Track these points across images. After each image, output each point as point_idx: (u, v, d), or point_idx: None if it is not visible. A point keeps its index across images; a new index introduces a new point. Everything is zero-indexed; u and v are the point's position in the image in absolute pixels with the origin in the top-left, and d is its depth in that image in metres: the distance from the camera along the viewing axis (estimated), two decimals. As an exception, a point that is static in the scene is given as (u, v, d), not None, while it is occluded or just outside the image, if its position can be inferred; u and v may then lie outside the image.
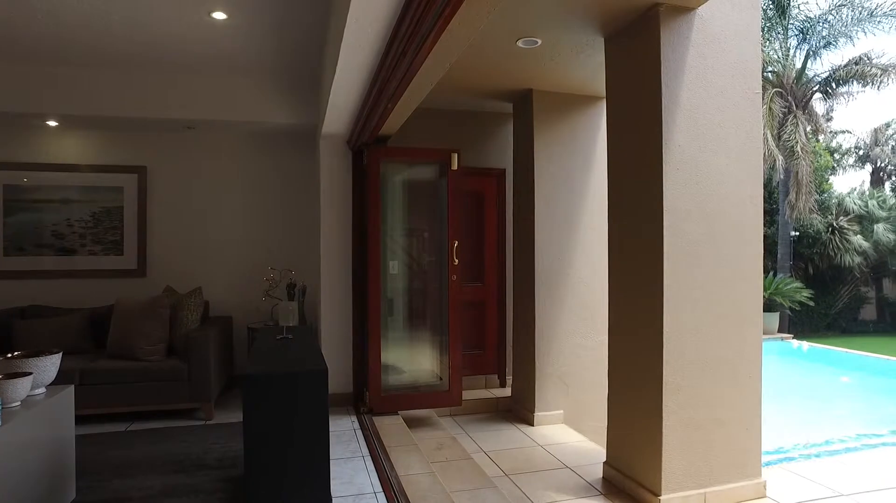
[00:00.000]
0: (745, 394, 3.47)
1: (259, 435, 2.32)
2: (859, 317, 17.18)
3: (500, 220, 6.01)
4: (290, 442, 2.34)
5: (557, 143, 5.07)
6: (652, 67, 3.33)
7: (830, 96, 15.98)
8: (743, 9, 3.49)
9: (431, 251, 5.19)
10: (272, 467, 2.33)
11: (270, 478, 2.32)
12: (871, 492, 3.54)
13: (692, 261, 3.31)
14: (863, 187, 19.60)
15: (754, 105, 3.52)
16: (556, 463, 4.19)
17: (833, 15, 14.48)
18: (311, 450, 2.38)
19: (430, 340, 5.19)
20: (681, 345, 3.28)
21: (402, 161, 5.02)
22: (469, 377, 5.82)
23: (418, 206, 5.38)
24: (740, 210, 3.43)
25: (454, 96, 5.42)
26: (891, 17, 13.95)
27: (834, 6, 14.41)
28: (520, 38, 3.97)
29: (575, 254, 5.08)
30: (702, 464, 3.34)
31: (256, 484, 2.32)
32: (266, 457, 2.32)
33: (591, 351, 5.00)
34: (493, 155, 6.03)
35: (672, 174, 3.26)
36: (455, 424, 5.14)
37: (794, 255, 15.83)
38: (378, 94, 3.45)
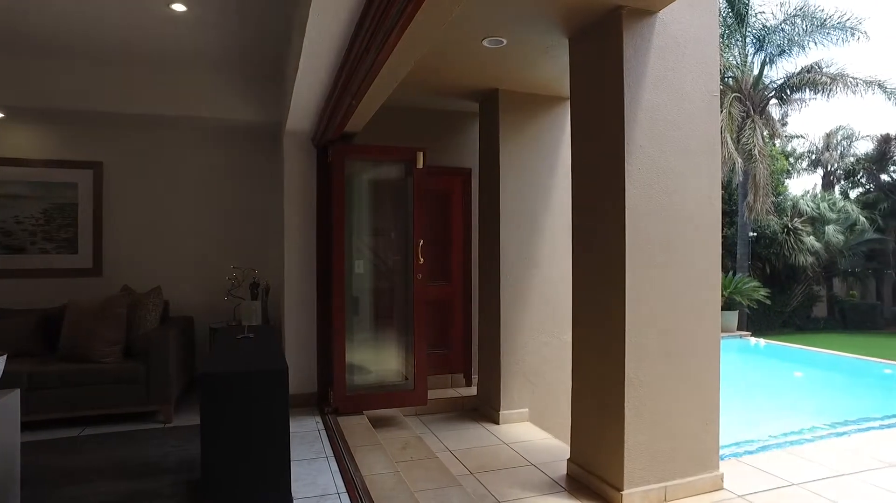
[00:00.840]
0: (703, 389, 3.55)
1: (217, 436, 2.26)
2: (812, 314, 17.85)
3: (466, 219, 6.02)
4: (249, 443, 2.29)
5: (523, 142, 5.11)
6: (614, 68, 3.38)
7: (785, 102, 16.56)
8: (702, 13, 3.58)
9: (397, 250, 5.16)
10: (230, 469, 2.27)
11: (229, 480, 2.27)
12: (819, 481, 3.67)
13: (653, 259, 3.37)
14: (815, 190, 20.36)
15: (713, 107, 3.62)
16: (522, 460, 4.21)
17: (787, 25, 15.01)
18: (272, 451, 2.33)
19: (395, 339, 5.16)
20: (642, 343, 3.34)
21: (367, 159, 4.97)
22: (435, 376, 5.81)
23: (385, 205, 5.34)
24: (699, 210, 3.51)
25: (421, 95, 5.41)
26: (839, 30, 14.57)
27: (788, 17, 14.96)
28: (485, 38, 3.99)
29: (540, 254, 5.12)
30: (662, 458, 3.40)
31: (214, 486, 2.26)
32: (224, 458, 2.27)
33: (556, 349, 5.05)
34: (459, 154, 6.03)
35: (634, 174, 3.32)
36: (421, 424, 5.12)
37: (753, 255, 16.34)
38: (342, 90, 3.41)
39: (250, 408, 2.31)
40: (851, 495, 3.49)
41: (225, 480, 2.30)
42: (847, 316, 17.83)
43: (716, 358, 3.60)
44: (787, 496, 3.47)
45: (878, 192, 19.16)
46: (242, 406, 2.31)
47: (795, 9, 14.82)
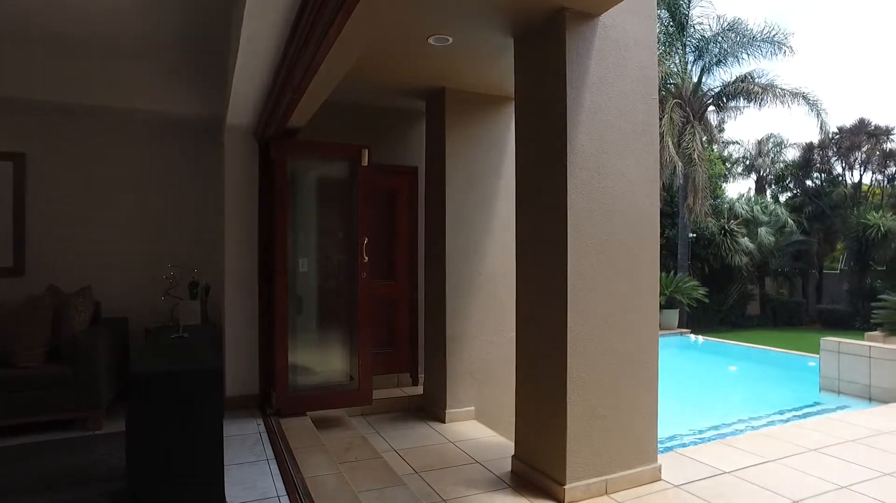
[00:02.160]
0: (643, 384, 3.65)
1: (144, 440, 2.15)
2: (746, 312, 18.73)
3: (412, 218, 5.99)
4: (180, 446, 2.18)
5: (469, 142, 5.13)
6: (557, 69, 3.43)
7: (722, 109, 17.33)
8: (641, 19, 3.68)
9: (343, 249, 5.07)
10: (158, 474, 2.16)
11: (156, 486, 2.16)
12: (748, 468, 3.85)
13: (594, 258, 3.44)
14: (749, 194, 21.39)
15: (652, 110, 3.72)
16: (467, 458, 4.22)
17: (722, 37, 15.72)
18: (204, 455, 2.24)
19: (340, 339, 5.08)
20: (584, 339, 3.40)
21: (311, 156, 4.88)
22: (381, 375, 5.76)
23: (329, 203, 5.25)
24: (639, 210, 3.61)
25: (367, 92, 5.35)
26: (768, 43, 15.39)
27: (722, 29, 15.68)
28: (431, 36, 3.98)
29: (486, 252, 5.15)
30: (603, 452, 3.48)
31: (141, 494, 2.15)
32: (151, 463, 2.16)
33: (501, 347, 5.09)
34: (406, 152, 6.00)
35: (576, 174, 3.37)
36: (366, 424, 5.06)
37: (692, 255, 17.01)
38: (284, 83, 3.33)
39: (180, 410, 2.20)
40: (773, 478, 3.68)
41: (152, 486, 2.19)
42: (777, 313, 18.80)
43: (654, 355, 3.71)
44: (719, 483, 3.61)
45: (804, 197, 20.32)
46: (172, 407, 2.20)
47: (728, 23, 15.56)
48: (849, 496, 3.46)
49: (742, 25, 15.45)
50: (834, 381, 8.76)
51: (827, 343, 8.95)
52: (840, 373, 8.70)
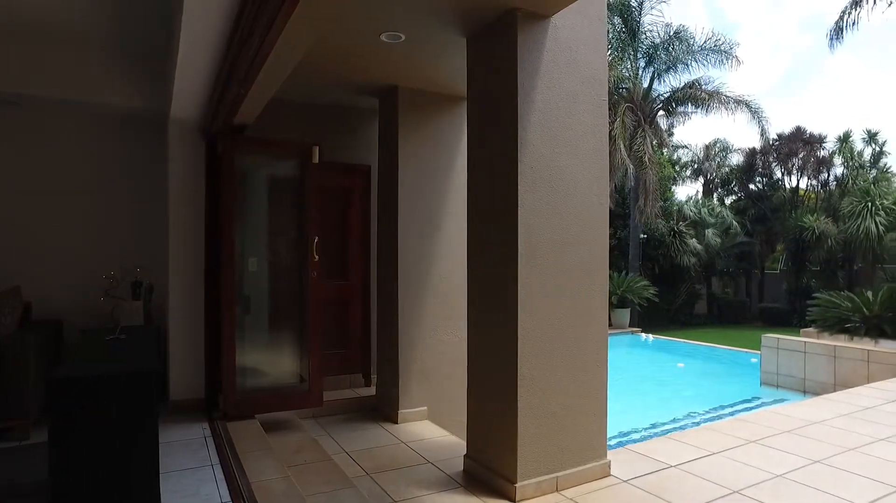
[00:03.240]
0: (592, 382, 3.70)
1: (68, 451, 2.02)
2: (694, 311, 19.40)
3: (365, 217, 5.91)
4: (108, 456, 2.06)
5: (422, 141, 5.10)
6: (509, 69, 3.44)
7: (671, 114, 17.88)
8: (591, 21, 3.73)
9: (293, 248, 4.96)
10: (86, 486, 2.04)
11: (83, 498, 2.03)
12: (693, 461, 3.96)
13: (545, 258, 3.47)
14: (697, 196, 22.16)
15: (601, 111, 3.78)
16: (419, 459, 4.19)
17: (670, 45, 16.24)
18: (137, 463, 2.12)
19: (291, 340, 4.97)
20: (534, 338, 3.42)
21: (260, 153, 4.75)
22: (334, 376, 5.66)
23: (280, 201, 5.12)
24: (588, 210, 3.66)
25: (320, 89, 5.25)
26: (715, 52, 16.00)
27: (669, 38, 16.20)
28: (383, 32, 3.93)
29: (438, 252, 5.13)
30: (554, 450, 3.50)
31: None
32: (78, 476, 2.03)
33: (454, 347, 5.08)
34: (359, 151, 5.92)
35: (526, 173, 3.39)
36: (318, 426, 4.96)
37: (643, 256, 17.48)
38: (229, 76, 3.23)
39: (110, 416, 2.08)
40: (716, 470, 3.79)
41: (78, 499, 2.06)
42: (723, 311, 19.55)
43: (604, 353, 3.76)
44: (665, 477, 3.69)
45: (747, 200, 21.20)
46: (98, 414, 2.07)
47: (675, 32, 16.10)
48: (783, 483, 3.60)
49: (687, 34, 16.01)
50: (773, 376, 9.15)
51: (767, 340, 9.35)
52: (778, 368, 9.09)
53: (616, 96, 15.96)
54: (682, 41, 16.04)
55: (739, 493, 3.44)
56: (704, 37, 16.08)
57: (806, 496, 3.44)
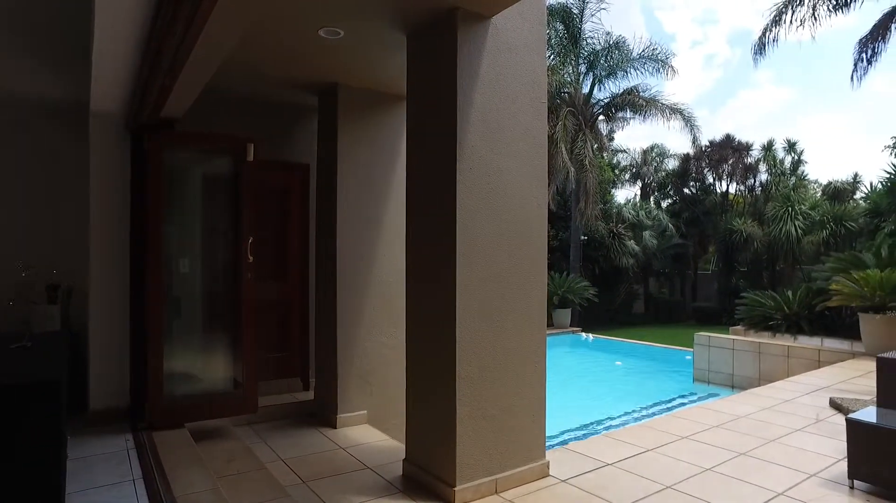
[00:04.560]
0: (532, 383, 3.71)
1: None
2: (633, 310, 20.05)
3: (304, 217, 5.76)
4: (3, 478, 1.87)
5: (363, 140, 5.01)
6: (448, 68, 3.41)
7: (611, 119, 18.42)
8: (532, 23, 3.75)
9: (228, 248, 4.76)
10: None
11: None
12: (628, 459, 4.05)
13: (483, 258, 3.45)
14: (635, 199, 22.93)
15: (541, 114, 3.81)
16: (358, 464, 4.10)
17: (609, 52, 16.74)
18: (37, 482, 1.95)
19: (225, 343, 4.76)
20: (473, 340, 3.40)
21: (192, 149, 4.53)
22: (271, 381, 5.49)
23: (214, 200, 4.91)
24: (527, 211, 3.67)
25: (257, 84, 5.08)
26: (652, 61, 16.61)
27: (608, 46, 16.70)
28: (321, 28, 3.83)
29: (378, 253, 5.05)
30: (493, 452, 3.50)
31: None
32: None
33: (394, 349, 5.01)
34: (298, 149, 5.77)
35: (465, 173, 3.37)
36: (253, 433, 4.78)
37: (584, 257, 17.90)
38: (152, 65, 3.04)
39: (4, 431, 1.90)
40: (650, 467, 3.89)
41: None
42: (659, 310, 20.30)
43: (542, 354, 3.79)
44: (602, 475, 3.76)
45: (682, 203, 22.12)
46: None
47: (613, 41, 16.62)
48: (712, 476, 3.73)
49: (625, 44, 16.56)
50: (705, 372, 9.55)
51: (699, 338, 9.75)
52: (710, 364, 9.50)
53: (558, 100, 16.28)
54: (620, 50, 16.56)
55: (671, 488, 3.54)
56: (642, 45, 16.68)
57: (731, 487, 3.57)
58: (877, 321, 8.05)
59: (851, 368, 7.29)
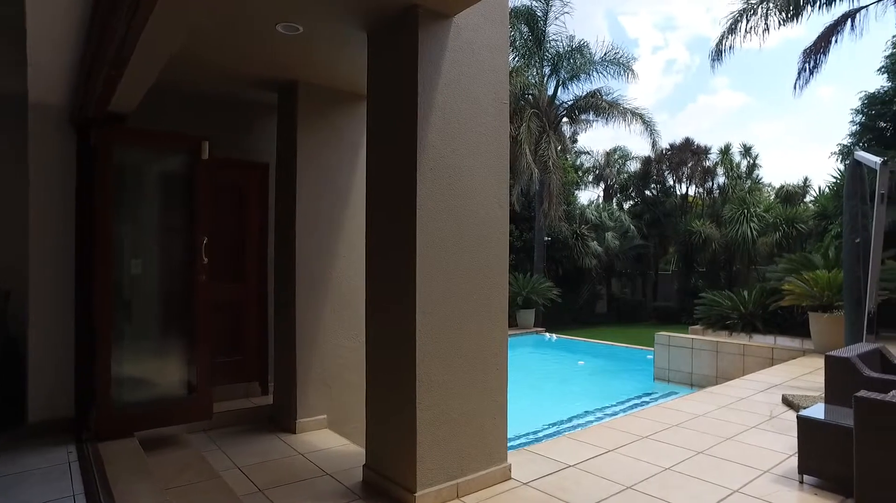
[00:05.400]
0: (493, 385, 3.68)
1: None
2: (595, 310, 20.35)
3: (263, 217, 5.61)
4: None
5: (323, 139, 4.91)
6: (409, 67, 3.35)
7: (575, 121, 18.67)
8: (495, 24, 3.73)
9: (182, 249, 4.58)
10: None
11: None
12: (590, 460, 4.06)
13: (444, 259, 3.40)
14: (598, 201, 23.30)
15: (502, 114, 3.78)
16: (317, 471, 4.00)
17: (573, 55, 16.96)
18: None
19: (178, 348, 4.57)
20: (433, 342, 3.35)
21: (144, 146, 4.34)
22: (228, 385, 5.33)
23: (168, 199, 4.72)
24: (488, 212, 3.64)
25: (214, 80, 4.93)
26: (614, 65, 16.90)
27: (571, 50, 16.93)
28: (279, 23, 3.73)
29: (338, 254, 4.95)
30: (454, 456, 3.45)
31: None
32: None
33: (355, 351, 4.91)
34: (258, 147, 5.61)
35: (426, 174, 3.32)
36: (208, 440, 4.62)
37: (547, 258, 18.07)
38: (95, 55, 2.88)
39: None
40: (611, 467, 3.91)
41: None
42: (621, 310, 20.66)
43: (504, 355, 3.76)
44: (563, 477, 3.75)
45: (643, 205, 22.58)
46: None
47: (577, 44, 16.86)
48: (671, 476, 3.77)
49: (588, 47, 16.81)
50: (665, 371, 9.74)
51: (660, 337, 9.94)
52: (670, 363, 9.69)
53: (522, 102, 16.40)
54: (584, 53, 16.79)
55: (632, 489, 3.56)
56: (605, 48, 16.94)
57: (690, 486, 3.62)
58: (825, 320, 8.35)
59: (802, 365, 7.53)
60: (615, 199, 24.11)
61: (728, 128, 55.81)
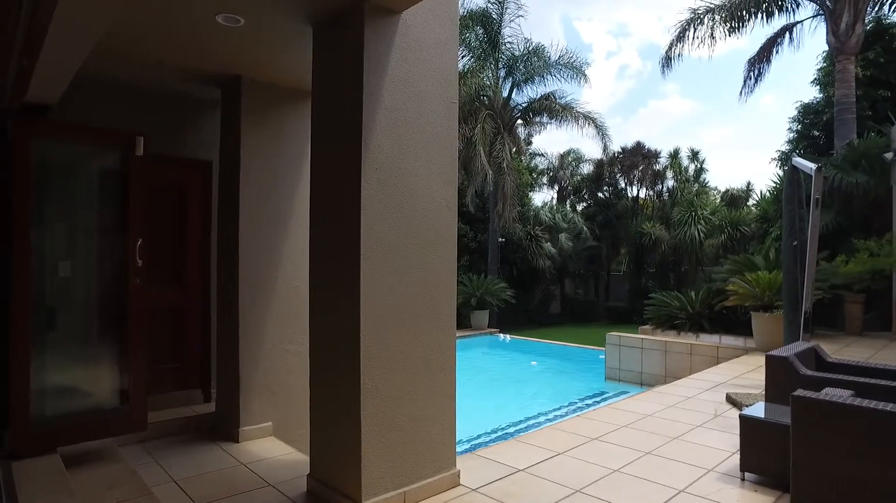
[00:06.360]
0: (440, 391, 3.60)
1: None
2: (549, 310, 20.61)
3: (205, 217, 5.37)
4: None
5: (268, 137, 4.73)
6: (355, 64, 3.25)
7: (529, 124, 18.86)
8: (443, 21, 3.65)
9: (115, 251, 4.31)
10: None
11: None
12: (540, 463, 4.03)
13: (389, 262, 3.31)
14: (552, 202, 23.61)
15: (452, 114, 3.71)
16: (259, 481, 3.83)
17: (528, 58, 17.13)
18: None
19: (111, 356, 4.29)
20: (378, 347, 3.25)
21: (69, 140, 4.06)
22: (168, 394, 5.08)
23: (100, 198, 4.43)
24: (436, 213, 3.56)
25: (153, 72, 4.69)
26: (568, 68, 17.16)
27: (526, 52, 17.10)
28: (219, 13, 3.56)
29: (283, 257, 4.78)
30: (401, 463, 3.36)
31: None
32: None
33: (300, 357, 4.74)
34: (201, 144, 5.38)
35: (371, 174, 3.21)
36: (144, 452, 4.37)
37: (502, 259, 18.17)
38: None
39: None
40: (561, 471, 3.90)
41: None
42: (575, 311, 21.00)
43: (452, 359, 3.69)
44: (513, 482, 3.71)
45: (596, 207, 23.02)
46: None
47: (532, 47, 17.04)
48: (620, 478, 3.78)
49: (544, 51, 17.00)
50: (616, 371, 9.91)
51: (610, 337, 10.10)
52: (620, 363, 9.86)
53: (477, 103, 16.44)
54: (539, 55, 16.97)
55: (581, 492, 3.55)
56: (559, 52, 17.16)
57: (637, 487, 3.63)
58: (766, 319, 8.65)
59: (745, 364, 7.77)
60: (569, 200, 24.49)
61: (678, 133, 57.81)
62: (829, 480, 2.97)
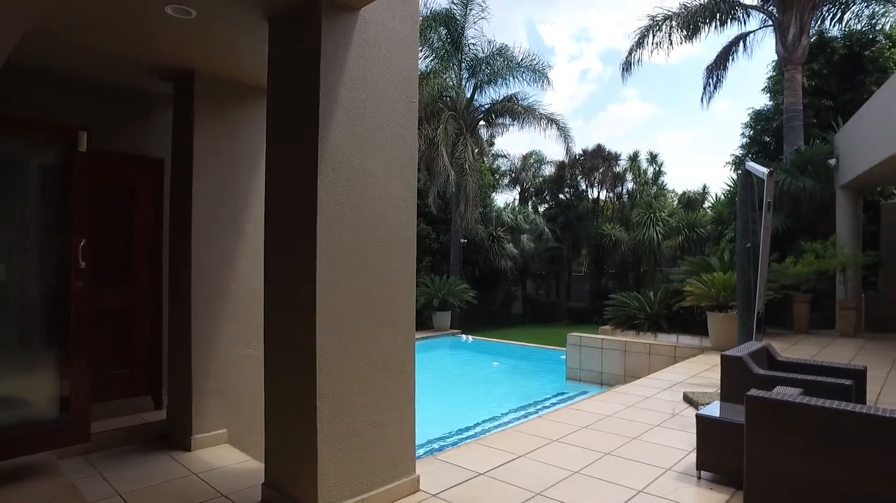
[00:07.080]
0: (399, 395, 3.53)
1: None
2: (511, 311, 20.75)
3: (157, 217, 5.15)
4: None
5: (223, 134, 4.57)
6: (311, 60, 3.15)
7: (491, 125, 18.95)
8: (404, 20, 3.59)
9: (56, 251, 4.09)
10: None
11: None
12: (500, 467, 4.01)
13: (346, 263, 3.22)
14: (514, 204, 23.79)
15: (411, 114, 3.65)
16: (212, 492, 3.68)
17: (491, 59, 17.21)
18: None
19: (51, 363, 4.07)
20: (334, 350, 3.16)
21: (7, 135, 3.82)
22: (115, 401, 4.85)
23: (40, 196, 4.20)
24: (394, 214, 3.49)
25: (99, 65, 4.48)
26: (531, 71, 17.32)
27: (490, 54, 17.19)
28: (168, 4, 3.40)
29: (238, 258, 4.62)
30: (358, 470, 3.28)
31: None
32: None
33: (255, 360, 4.58)
34: (152, 141, 5.15)
35: (328, 173, 3.12)
36: (87, 465, 4.15)
37: (464, 260, 18.19)
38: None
39: None
40: (521, 473, 3.89)
41: None
42: (536, 311, 21.20)
43: (410, 363, 3.62)
44: (473, 486, 3.68)
45: (557, 208, 23.31)
46: None
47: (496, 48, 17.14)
48: (580, 479, 3.80)
49: (508, 52, 17.11)
50: (577, 371, 10.01)
51: (571, 338, 10.20)
52: (581, 363, 9.97)
53: (440, 104, 16.41)
54: (503, 57, 17.07)
55: (541, 495, 3.53)
56: (522, 55, 17.30)
57: (598, 489, 3.65)
58: (721, 319, 8.89)
59: (701, 363, 7.96)
60: (531, 202, 24.73)
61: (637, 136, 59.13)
62: (781, 478, 3.04)
